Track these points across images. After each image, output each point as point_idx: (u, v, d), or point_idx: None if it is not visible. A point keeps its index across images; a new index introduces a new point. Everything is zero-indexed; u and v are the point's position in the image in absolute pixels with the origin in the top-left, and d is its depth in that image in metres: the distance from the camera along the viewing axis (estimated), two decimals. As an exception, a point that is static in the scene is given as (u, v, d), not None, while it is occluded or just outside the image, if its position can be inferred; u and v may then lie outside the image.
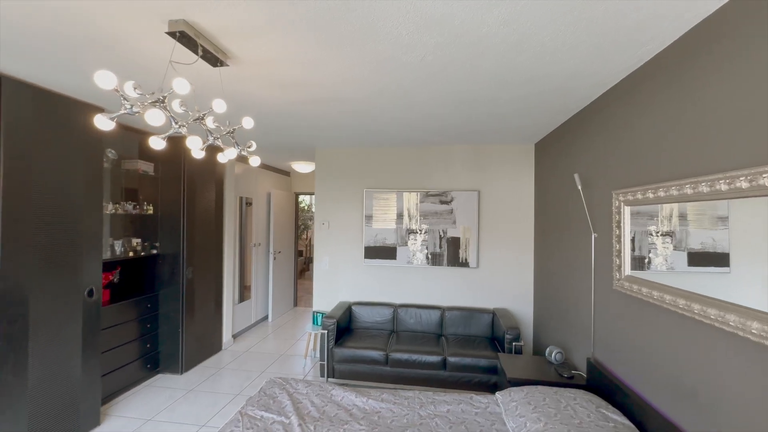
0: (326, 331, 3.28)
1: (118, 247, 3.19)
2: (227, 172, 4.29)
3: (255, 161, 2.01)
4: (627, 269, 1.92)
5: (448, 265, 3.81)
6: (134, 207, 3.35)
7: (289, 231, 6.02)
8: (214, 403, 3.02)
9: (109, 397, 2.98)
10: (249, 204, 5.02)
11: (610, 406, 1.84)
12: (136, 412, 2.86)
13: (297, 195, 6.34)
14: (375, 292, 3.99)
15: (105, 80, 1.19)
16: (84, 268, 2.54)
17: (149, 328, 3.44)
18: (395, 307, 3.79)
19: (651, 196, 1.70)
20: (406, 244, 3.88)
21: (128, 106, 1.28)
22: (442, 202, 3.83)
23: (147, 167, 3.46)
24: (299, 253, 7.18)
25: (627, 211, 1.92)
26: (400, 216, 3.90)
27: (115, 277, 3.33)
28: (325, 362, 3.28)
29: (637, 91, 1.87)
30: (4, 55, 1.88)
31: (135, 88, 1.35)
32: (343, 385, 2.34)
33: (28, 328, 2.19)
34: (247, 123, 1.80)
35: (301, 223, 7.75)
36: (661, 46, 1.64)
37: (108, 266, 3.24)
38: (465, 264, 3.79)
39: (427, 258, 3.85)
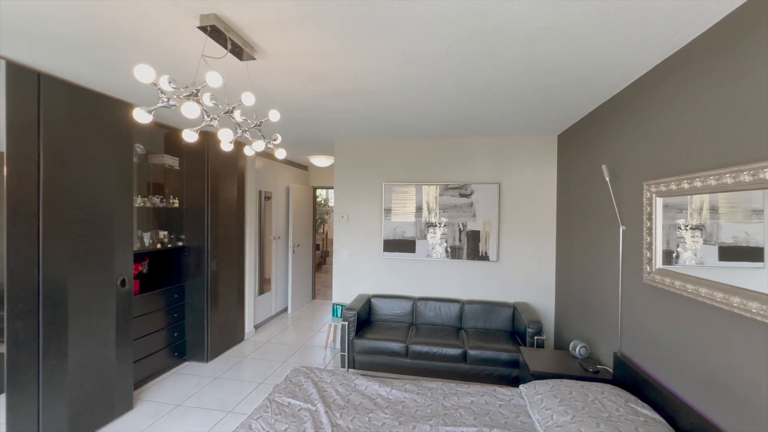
0: (347, 323, 3.32)
1: (147, 239, 3.30)
2: (248, 167, 4.36)
3: (281, 153, 2.04)
4: (659, 262, 1.87)
5: (467, 259, 3.79)
6: (161, 200, 3.45)
7: (307, 224, 6.09)
8: (239, 390, 3.11)
9: (140, 382, 3.11)
10: (268, 198, 5.10)
11: (639, 401, 1.80)
12: (166, 398, 2.98)
13: (315, 189, 6.40)
14: (394, 285, 4.01)
15: (144, 74, 1.23)
16: (116, 259, 2.64)
17: (176, 317, 3.56)
18: (414, 300, 3.80)
19: (686, 186, 1.65)
20: (425, 237, 3.88)
21: (165, 100, 1.31)
22: (461, 195, 3.80)
23: (172, 161, 3.55)
24: (316, 247, 7.27)
25: (659, 202, 1.87)
26: (419, 209, 3.89)
27: (144, 267, 3.45)
28: (346, 353, 3.33)
29: (670, 78, 1.80)
30: (42, 54, 1.95)
31: (170, 82, 1.39)
32: (366, 376, 2.37)
33: (68, 315, 2.30)
34: (274, 116, 1.83)
35: (317, 217, 7.83)
36: (698, 32, 1.58)
37: (137, 257, 3.35)
38: (485, 257, 3.76)
39: (447, 251, 3.84)
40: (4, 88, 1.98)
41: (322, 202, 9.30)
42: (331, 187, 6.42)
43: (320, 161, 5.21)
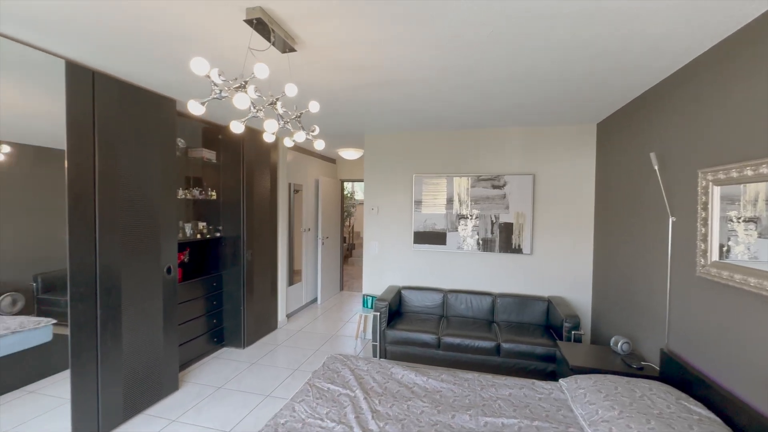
0: (379, 314, 3.35)
1: (188, 229, 3.45)
2: (280, 160, 4.46)
3: (319, 144, 2.07)
4: (714, 255, 1.77)
5: (500, 252, 3.73)
6: (200, 192, 3.59)
7: (336, 217, 6.17)
8: (275, 376, 3.22)
9: (183, 365, 3.27)
10: (297, 191, 5.19)
11: (691, 399, 1.73)
12: (208, 380, 3.13)
13: (342, 182, 6.46)
14: (424, 277, 4.00)
15: (199, 67, 1.27)
16: (162, 248, 2.78)
17: (215, 305, 3.72)
18: (445, 293, 3.78)
19: (750, 173, 1.54)
20: (456, 229, 3.84)
21: (218, 92, 1.36)
22: (494, 187, 3.73)
23: (210, 155, 3.68)
24: (342, 240, 7.36)
25: (716, 191, 1.76)
26: (450, 201, 3.85)
27: (185, 257, 3.61)
28: (377, 343, 3.37)
29: (735, 56, 1.68)
30: (96, 52, 2.06)
31: (219, 75, 1.43)
32: (401, 365, 2.39)
33: (121, 299, 2.45)
34: (314, 107, 1.85)
35: (344, 210, 7.91)
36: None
37: (179, 247, 3.50)
38: (518, 250, 3.68)
39: (478, 244, 3.79)
40: (65, 86, 2.11)
41: (349, 195, 9.38)
42: (359, 180, 6.47)
43: (349, 154, 5.25)
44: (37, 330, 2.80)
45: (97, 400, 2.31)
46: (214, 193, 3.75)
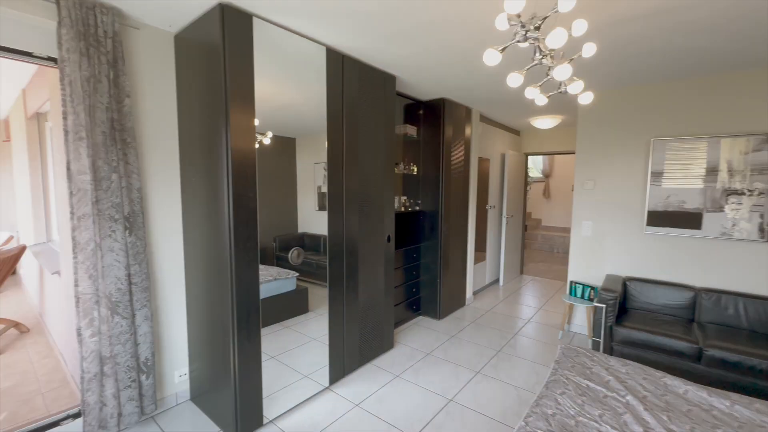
0: (605, 306, 2.82)
1: (396, 202, 3.67)
2: (473, 133, 4.27)
3: (587, 97, 1.72)
4: None
5: (805, 243, 2.58)
6: (404, 167, 3.76)
7: (519, 195, 5.68)
8: (479, 353, 3.15)
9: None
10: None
11: None
12: (415, 344, 3.31)
13: (527, 156, 5.86)
14: (658, 267, 3.18)
15: (513, 5, 1.12)
16: (384, 219, 2.99)
17: (414, 275, 3.91)
18: (696, 291, 2.90)
19: None
20: (721, 209, 2.86)
21: (522, 33, 1.18)
22: (802, 149, 2.56)
23: (412, 131, 3.79)
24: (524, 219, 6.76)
25: None
26: (712, 171, 2.87)
27: (391, 228, 3.88)
28: (601, 340, 2.86)
29: None
30: (344, 35, 2.21)
31: (510, 20, 1.25)
32: (672, 376, 1.89)
33: (358, 262, 2.75)
34: (589, 50, 1.50)
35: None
36: None
37: (387, 218, 3.78)
38: None
39: (761, 230, 2.72)
40: (325, 71, 2.39)
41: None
42: (550, 153, 5.76)
43: (544, 123, 4.63)
44: (287, 280, 3.49)
45: (342, 342, 2.68)
46: (414, 168, 3.87)
